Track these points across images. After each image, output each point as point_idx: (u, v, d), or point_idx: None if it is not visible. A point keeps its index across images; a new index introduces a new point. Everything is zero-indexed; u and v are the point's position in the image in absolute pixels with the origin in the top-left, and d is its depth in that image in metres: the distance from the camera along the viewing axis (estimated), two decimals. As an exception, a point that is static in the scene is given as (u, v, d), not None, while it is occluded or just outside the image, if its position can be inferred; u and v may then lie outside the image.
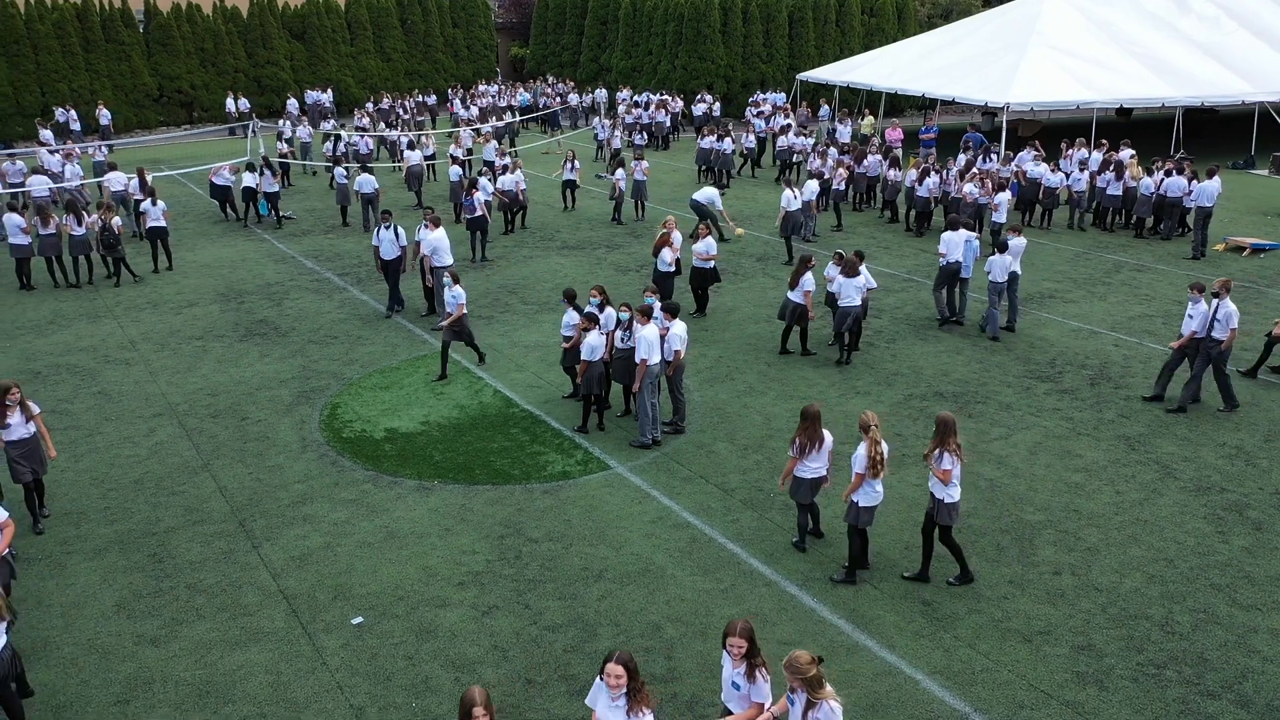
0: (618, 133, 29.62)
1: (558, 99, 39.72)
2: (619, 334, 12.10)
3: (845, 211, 23.62)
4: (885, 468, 8.87)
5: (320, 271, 19.52)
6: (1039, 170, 21.78)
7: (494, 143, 27.16)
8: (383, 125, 32.86)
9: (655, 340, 11.32)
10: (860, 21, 42.35)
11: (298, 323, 16.46)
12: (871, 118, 31.52)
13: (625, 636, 8.41)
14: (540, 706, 7.60)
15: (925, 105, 38.85)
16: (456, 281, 13.72)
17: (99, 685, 7.85)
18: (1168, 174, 20.72)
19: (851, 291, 14.17)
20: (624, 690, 5.66)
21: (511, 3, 52.07)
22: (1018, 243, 15.64)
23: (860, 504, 8.93)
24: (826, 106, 34.22)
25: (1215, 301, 12.37)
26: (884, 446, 8.89)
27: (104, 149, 28.15)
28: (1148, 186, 21.24)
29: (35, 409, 9.99)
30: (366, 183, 22.24)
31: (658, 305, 11.98)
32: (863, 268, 14.45)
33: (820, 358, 14.78)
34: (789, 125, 29.51)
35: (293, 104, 36.11)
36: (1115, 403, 13.13)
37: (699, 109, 36.08)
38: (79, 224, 18.03)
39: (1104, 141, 24.86)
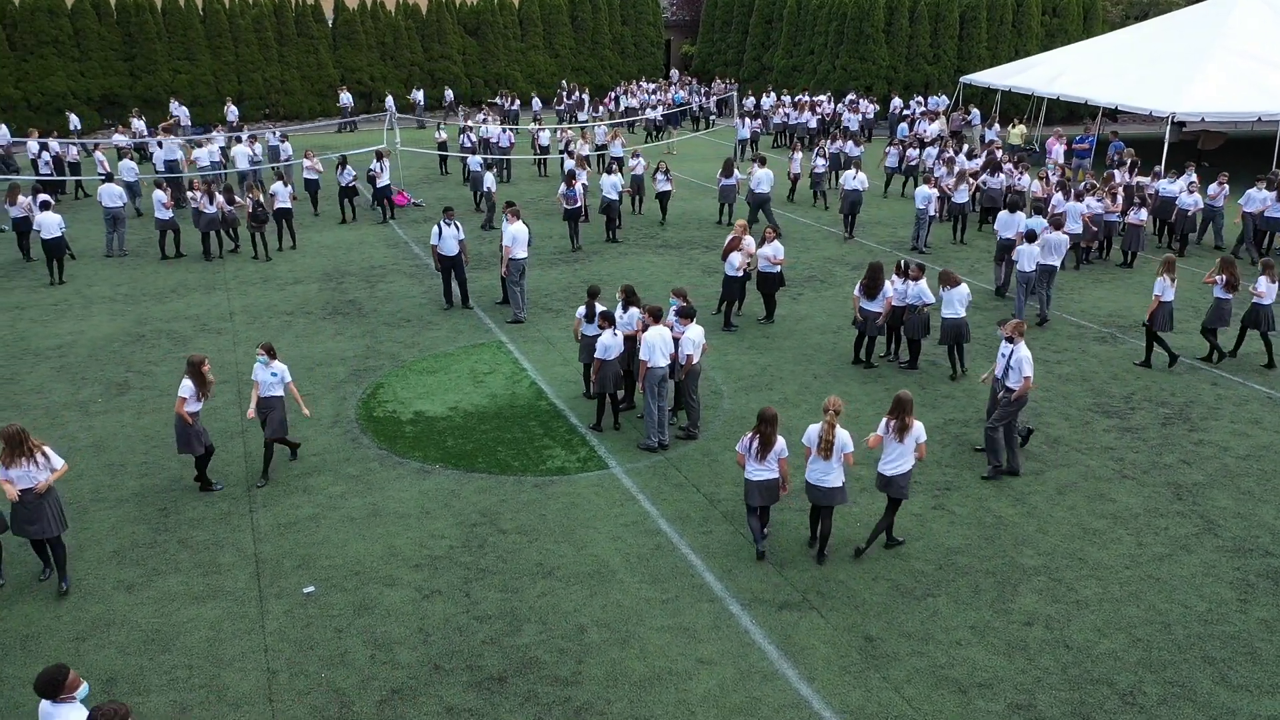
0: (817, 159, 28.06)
1: (707, 98, 39.69)
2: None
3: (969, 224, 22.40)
4: (832, 453, 9.07)
5: (423, 258, 20.43)
6: (1172, 189, 19.90)
7: (621, 139, 27.51)
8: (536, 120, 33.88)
9: (656, 343, 11.21)
10: (1040, 22, 39.89)
11: (381, 304, 17.34)
12: (1023, 126, 29.63)
13: (547, 635, 8.44)
14: (436, 693, 7.76)
15: (1108, 114, 36.14)
16: (273, 356, 10.80)
17: (68, 621, 8.65)
18: (1324, 195, 18.47)
19: (955, 303, 13.65)
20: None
21: (685, 0, 52.41)
22: (1055, 238, 15.90)
23: (807, 479, 9.33)
24: (976, 111, 32.44)
25: (1010, 347, 10.91)
26: (839, 433, 9.05)
27: (278, 132, 30.57)
28: (1310, 209, 19.02)
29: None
30: (489, 180, 22.94)
31: (672, 309, 11.88)
32: (922, 282, 13.87)
33: (873, 374, 14.18)
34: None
35: (390, 102, 37.77)
36: (1182, 446, 11.91)
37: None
38: (210, 202, 19.69)
39: None
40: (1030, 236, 15.69)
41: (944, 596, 8.99)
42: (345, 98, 38.33)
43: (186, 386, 10.24)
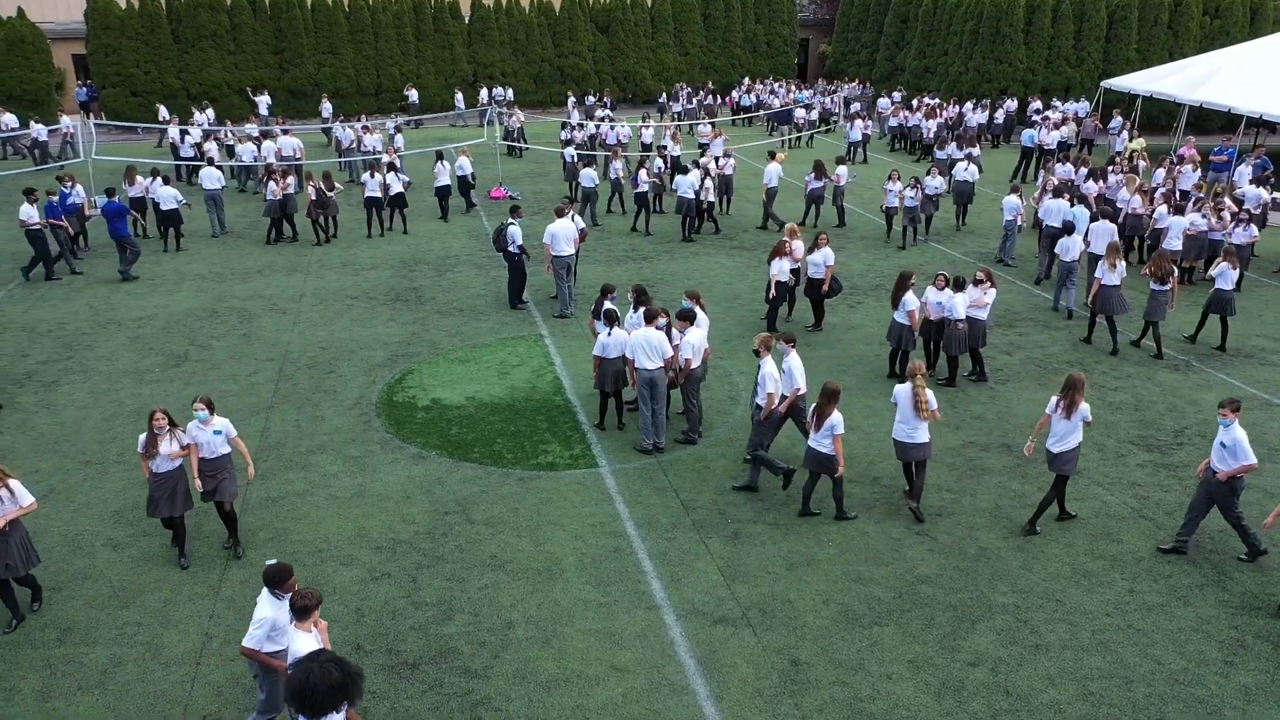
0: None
1: (828, 99, 38.85)
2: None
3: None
4: (926, 410, 9.90)
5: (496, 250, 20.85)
6: (1297, 205, 18.13)
7: (724, 136, 27.31)
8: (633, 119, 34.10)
9: (640, 344, 11.11)
10: (1199, 24, 37.00)
11: (440, 293, 17.84)
12: (1142, 139, 27.54)
13: (475, 627, 8.52)
14: (348, 672, 7.95)
15: (1265, 124, 33.18)
16: (212, 410, 9.30)
17: (51, 573, 9.30)
18: None
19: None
20: None
21: (825, -1, 51.45)
22: (1101, 226, 16.47)
23: (895, 436, 10.19)
24: (1118, 118, 30.41)
25: (758, 362, 10.69)
26: (929, 394, 9.95)
27: (394, 122, 31.92)
28: None
29: (185, 439, 9.28)
30: (586, 177, 23.08)
31: (673, 312, 11.72)
32: (940, 290, 13.43)
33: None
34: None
35: (460, 99, 38.43)
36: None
37: (992, 116, 33.37)
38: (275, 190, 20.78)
39: None
40: (1069, 228, 15.97)
41: (892, 626, 8.54)
42: (413, 95, 39.10)
43: (141, 439, 9.15)
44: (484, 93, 39.89)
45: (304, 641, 6.30)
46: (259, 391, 13.50)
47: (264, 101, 36.26)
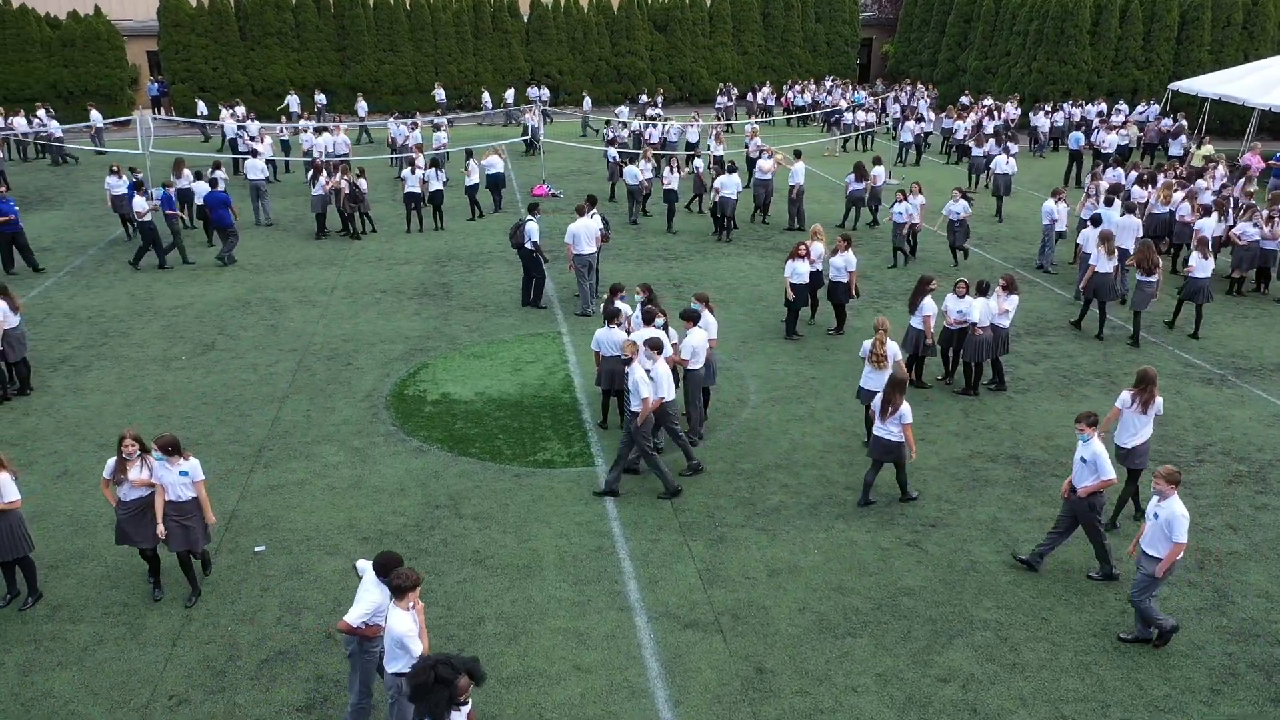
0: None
1: (881, 100, 38.24)
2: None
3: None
4: (885, 363, 10.97)
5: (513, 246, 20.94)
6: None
7: (758, 139, 27.08)
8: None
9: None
10: (1276, 24, 35.51)
11: (466, 289, 18.00)
12: (1210, 146, 26.41)
13: (445, 621, 8.57)
14: (314, 660, 8.08)
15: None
16: (174, 453, 8.45)
17: (53, 550, 9.63)
18: None
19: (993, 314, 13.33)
20: None
21: (889, -2, 50.67)
22: (1125, 221, 16.87)
23: (861, 384, 11.40)
24: (1181, 121, 29.30)
25: (627, 369, 10.55)
26: (890, 345, 11.05)
27: (435, 120, 32.32)
28: None
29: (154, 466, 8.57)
30: (631, 174, 23.08)
31: (677, 312, 11.64)
32: (961, 296, 13.16)
33: (921, 395, 13.26)
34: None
35: (486, 98, 38.78)
36: (1238, 509, 10.41)
37: (1037, 121, 32.55)
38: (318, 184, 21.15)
39: None
40: (1095, 220, 16.44)
41: (866, 638, 8.36)
42: (440, 94, 39.14)
43: (109, 464, 8.54)
44: (509, 92, 39.87)
45: (400, 619, 6.39)
46: (276, 381, 13.78)
47: (294, 100, 36.61)
